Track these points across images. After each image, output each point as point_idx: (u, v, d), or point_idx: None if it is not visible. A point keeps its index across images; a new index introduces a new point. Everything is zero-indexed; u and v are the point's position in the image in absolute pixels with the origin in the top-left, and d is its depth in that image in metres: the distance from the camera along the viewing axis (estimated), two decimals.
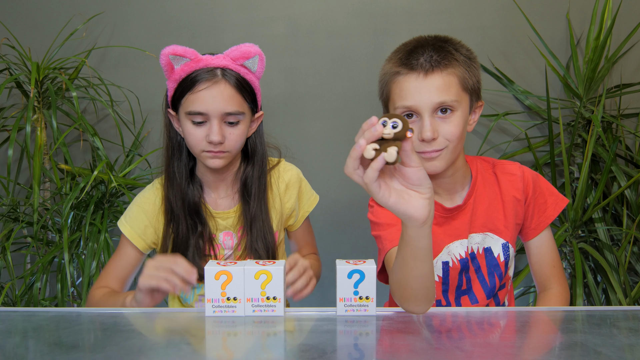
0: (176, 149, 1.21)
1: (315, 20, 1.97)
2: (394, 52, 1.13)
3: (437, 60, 1.05)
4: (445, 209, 1.17)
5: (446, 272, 1.19)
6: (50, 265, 1.74)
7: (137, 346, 0.78)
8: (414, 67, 1.05)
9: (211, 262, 0.94)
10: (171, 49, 1.12)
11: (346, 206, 1.93)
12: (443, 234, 1.17)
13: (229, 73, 1.13)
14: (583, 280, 1.67)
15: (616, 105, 1.93)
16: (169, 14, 1.98)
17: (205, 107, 1.11)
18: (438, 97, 1.04)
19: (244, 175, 1.23)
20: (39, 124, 1.81)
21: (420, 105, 1.05)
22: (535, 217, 1.19)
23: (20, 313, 0.96)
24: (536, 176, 1.21)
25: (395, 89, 1.08)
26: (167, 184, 1.21)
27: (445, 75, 1.05)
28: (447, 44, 1.09)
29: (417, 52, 1.07)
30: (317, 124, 2.00)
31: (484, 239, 1.18)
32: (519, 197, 1.18)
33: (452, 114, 1.07)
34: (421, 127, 1.05)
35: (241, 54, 1.13)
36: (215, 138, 1.11)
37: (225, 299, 0.91)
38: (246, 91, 1.14)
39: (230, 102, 1.12)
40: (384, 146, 0.69)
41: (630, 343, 0.78)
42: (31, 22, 1.99)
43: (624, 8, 1.88)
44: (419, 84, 1.05)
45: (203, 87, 1.11)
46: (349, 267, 0.91)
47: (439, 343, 0.80)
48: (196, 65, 1.12)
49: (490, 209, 1.18)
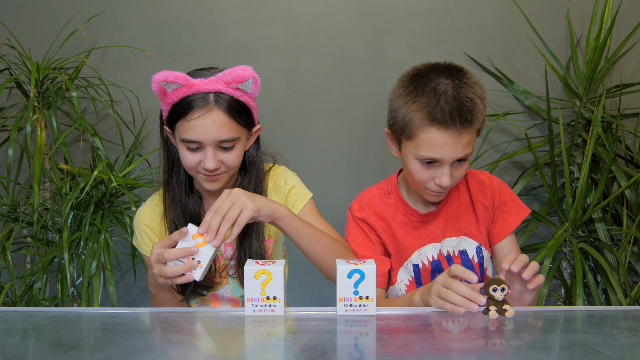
0: (175, 163, 1.21)
1: (315, 20, 1.96)
2: (417, 91, 1.11)
3: (470, 119, 1.08)
4: (420, 215, 1.25)
5: (417, 274, 1.25)
6: (50, 265, 1.74)
7: (137, 346, 0.78)
8: (447, 124, 1.07)
9: None
10: (161, 75, 1.07)
11: (346, 206, 1.93)
12: (417, 238, 1.25)
13: (222, 98, 1.09)
14: (583, 280, 1.67)
15: (616, 105, 1.93)
16: (169, 14, 1.98)
17: (199, 136, 1.09)
18: (462, 152, 1.10)
19: (240, 187, 1.22)
20: (39, 124, 1.81)
21: (447, 160, 1.10)
22: (499, 223, 1.25)
23: (20, 313, 0.96)
24: (502, 185, 1.28)
25: (423, 138, 1.10)
26: (169, 203, 1.21)
27: (471, 131, 1.10)
28: (471, 92, 1.10)
29: (447, 100, 1.07)
30: (317, 124, 2.00)
31: (459, 242, 1.25)
32: (486, 203, 1.25)
33: (465, 161, 1.14)
34: (440, 175, 1.12)
35: (234, 78, 1.09)
36: (210, 166, 1.11)
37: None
38: (240, 114, 1.12)
39: (224, 130, 1.10)
40: (499, 307, 0.90)
41: (630, 343, 0.78)
42: (31, 22, 1.99)
43: (624, 8, 1.88)
44: (452, 141, 1.08)
45: (196, 116, 1.08)
46: (349, 267, 0.91)
47: (439, 343, 0.80)
48: (188, 91, 1.09)
49: (464, 215, 1.25)
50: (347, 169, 2.01)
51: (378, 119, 1.97)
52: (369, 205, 1.26)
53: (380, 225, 1.25)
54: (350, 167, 2.01)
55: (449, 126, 1.07)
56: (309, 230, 1.11)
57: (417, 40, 1.95)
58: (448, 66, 1.13)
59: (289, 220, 1.08)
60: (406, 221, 1.25)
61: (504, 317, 0.90)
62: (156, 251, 1.00)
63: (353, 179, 2.00)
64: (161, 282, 1.01)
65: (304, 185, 1.29)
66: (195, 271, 0.98)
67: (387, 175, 1.25)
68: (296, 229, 1.10)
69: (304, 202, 1.25)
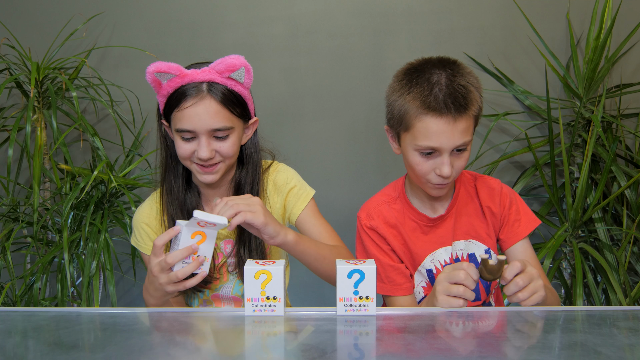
0: (173, 158, 1.21)
1: (315, 20, 1.97)
2: (412, 82, 1.12)
3: (464, 105, 1.08)
4: (429, 219, 1.23)
5: (432, 279, 1.23)
6: (50, 265, 1.74)
7: (137, 346, 0.78)
8: (442, 111, 1.07)
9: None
10: (155, 66, 1.09)
11: (345, 206, 1.93)
12: (428, 242, 1.23)
13: (215, 87, 1.10)
14: (583, 280, 1.67)
15: (616, 105, 1.93)
16: (169, 14, 1.98)
17: (192, 125, 1.10)
18: (461, 140, 1.10)
19: (237, 181, 1.23)
20: (39, 124, 1.81)
21: (445, 148, 1.10)
22: (506, 230, 1.24)
23: (20, 313, 0.96)
24: (513, 194, 1.27)
25: (420, 127, 1.10)
26: (167, 199, 1.21)
27: (468, 118, 1.10)
28: (465, 80, 1.10)
29: (440, 89, 1.08)
30: (317, 124, 2.00)
31: (468, 245, 1.23)
32: (494, 209, 1.24)
33: (465, 150, 1.13)
34: (440, 164, 1.11)
35: (226, 67, 1.09)
36: (204, 155, 1.11)
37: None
38: (234, 104, 1.13)
39: (217, 118, 1.10)
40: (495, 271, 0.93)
41: (630, 343, 0.78)
42: (31, 22, 1.99)
43: (624, 8, 1.88)
44: (448, 128, 1.08)
45: (189, 105, 1.09)
46: (349, 267, 0.91)
47: (439, 343, 0.80)
48: (182, 81, 1.10)
49: (473, 218, 1.24)
50: (347, 169, 2.01)
51: (378, 118, 1.97)
52: (377, 213, 1.24)
53: (391, 232, 1.23)
54: (350, 166, 2.01)
55: (443, 113, 1.07)
56: (313, 251, 1.13)
57: (417, 40, 1.95)
58: (441, 59, 1.14)
59: (294, 246, 1.10)
60: (415, 226, 1.24)
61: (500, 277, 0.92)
62: (156, 261, 1.00)
63: (353, 179, 2.00)
64: (170, 289, 1.01)
65: (305, 184, 1.28)
66: (203, 266, 1.00)
67: (387, 175, 1.25)
68: (301, 253, 1.11)
69: (305, 203, 1.25)
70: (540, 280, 0.95)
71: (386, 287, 1.21)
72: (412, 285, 1.23)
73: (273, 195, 1.26)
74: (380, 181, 1.96)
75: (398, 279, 1.21)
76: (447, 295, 0.95)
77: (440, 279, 0.97)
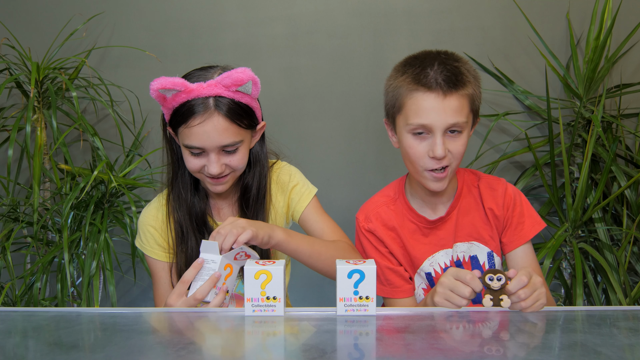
0: (180, 163, 1.20)
1: (315, 20, 1.97)
2: (407, 66, 1.13)
3: (455, 82, 1.08)
4: (428, 221, 1.21)
5: (431, 282, 1.22)
6: (50, 265, 1.74)
7: (137, 346, 0.78)
8: (432, 86, 1.07)
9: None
10: (159, 83, 1.06)
11: (345, 206, 1.93)
12: (428, 245, 1.21)
13: (222, 102, 1.08)
14: (583, 280, 1.67)
15: (616, 105, 1.93)
16: (169, 14, 1.98)
17: (201, 143, 1.09)
18: (453, 119, 1.08)
19: (243, 184, 1.22)
20: (39, 124, 1.81)
21: (436, 125, 1.08)
22: (509, 233, 1.21)
23: (20, 313, 0.96)
24: (518, 195, 1.23)
25: (411, 105, 1.10)
26: (175, 204, 1.20)
27: (460, 97, 1.09)
28: (459, 64, 1.11)
29: (432, 68, 1.09)
30: (317, 124, 2.00)
31: (470, 247, 1.21)
32: (497, 212, 1.21)
33: (460, 134, 1.11)
34: (433, 145, 1.09)
35: (233, 82, 1.07)
36: (214, 171, 1.11)
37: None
38: (242, 117, 1.11)
39: (225, 135, 1.09)
40: (496, 296, 0.91)
41: (630, 343, 0.78)
42: (31, 22, 1.99)
43: (624, 8, 1.88)
44: (437, 104, 1.07)
45: (197, 123, 1.08)
46: (349, 267, 0.91)
47: (439, 343, 0.80)
48: (187, 96, 1.08)
49: (475, 219, 1.22)
50: (347, 169, 2.01)
51: (378, 118, 1.97)
52: (375, 215, 1.23)
53: (389, 234, 1.22)
54: (350, 166, 2.01)
55: (432, 88, 1.07)
56: (307, 248, 1.13)
57: (417, 40, 1.95)
58: (438, 51, 1.15)
59: (286, 245, 1.10)
60: (415, 228, 1.22)
61: (500, 307, 0.91)
62: (182, 300, 1.02)
63: (353, 179, 2.00)
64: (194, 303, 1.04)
65: (307, 181, 1.28)
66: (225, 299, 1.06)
67: (387, 175, 1.25)
68: (295, 250, 1.12)
69: (308, 200, 1.25)
70: (543, 289, 0.94)
71: (386, 290, 1.21)
72: (412, 287, 1.22)
73: (276, 193, 1.26)
74: (380, 181, 1.96)
75: (397, 282, 1.20)
76: (446, 300, 0.95)
77: (443, 283, 0.95)
